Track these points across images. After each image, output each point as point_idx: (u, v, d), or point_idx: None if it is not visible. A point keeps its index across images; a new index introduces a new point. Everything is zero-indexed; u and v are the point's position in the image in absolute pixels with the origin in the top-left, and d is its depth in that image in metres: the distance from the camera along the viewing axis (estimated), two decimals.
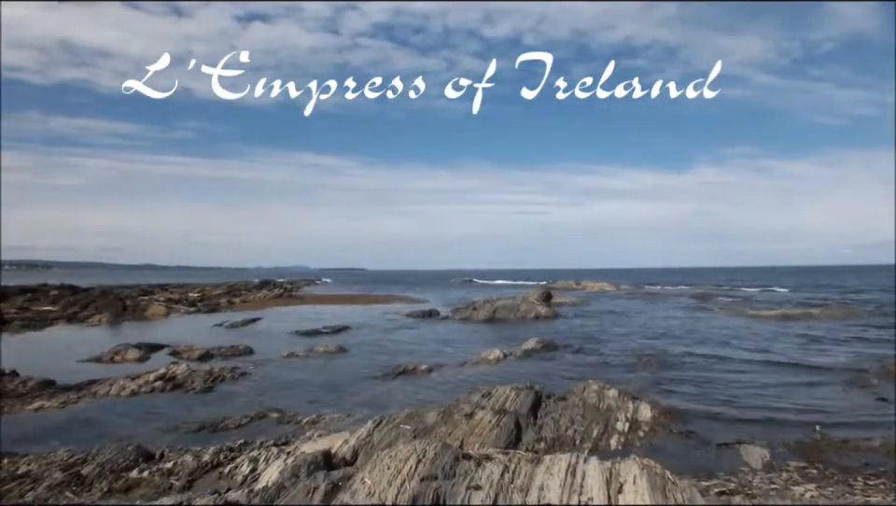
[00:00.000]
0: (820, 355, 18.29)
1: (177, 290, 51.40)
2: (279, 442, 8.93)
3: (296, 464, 6.55)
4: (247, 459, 7.70)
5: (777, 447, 8.99)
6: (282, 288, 64.76)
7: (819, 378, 14.59)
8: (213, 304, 40.95)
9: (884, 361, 16.23)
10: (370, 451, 7.56)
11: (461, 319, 31.66)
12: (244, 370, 15.52)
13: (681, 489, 4.68)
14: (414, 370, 15.60)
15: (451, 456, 5.30)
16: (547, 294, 37.46)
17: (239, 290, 55.97)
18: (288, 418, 10.86)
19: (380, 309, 38.68)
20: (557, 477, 4.86)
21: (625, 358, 17.93)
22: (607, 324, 29.13)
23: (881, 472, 7.82)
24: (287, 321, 30.11)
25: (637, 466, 4.93)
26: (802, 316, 30.91)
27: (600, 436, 9.44)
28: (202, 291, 51.20)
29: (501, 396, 10.22)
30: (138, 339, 20.32)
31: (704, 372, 15.63)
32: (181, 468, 7.44)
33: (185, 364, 15.19)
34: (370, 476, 5.00)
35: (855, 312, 32.95)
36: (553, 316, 32.30)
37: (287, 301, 48.61)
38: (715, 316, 33.69)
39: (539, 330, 24.76)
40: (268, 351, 18.94)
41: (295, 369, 16.20)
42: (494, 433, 8.82)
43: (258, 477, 7.02)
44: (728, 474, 7.79)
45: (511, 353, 18.16)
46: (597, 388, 11.19)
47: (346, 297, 54.69)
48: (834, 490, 7.03)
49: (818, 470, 8.02)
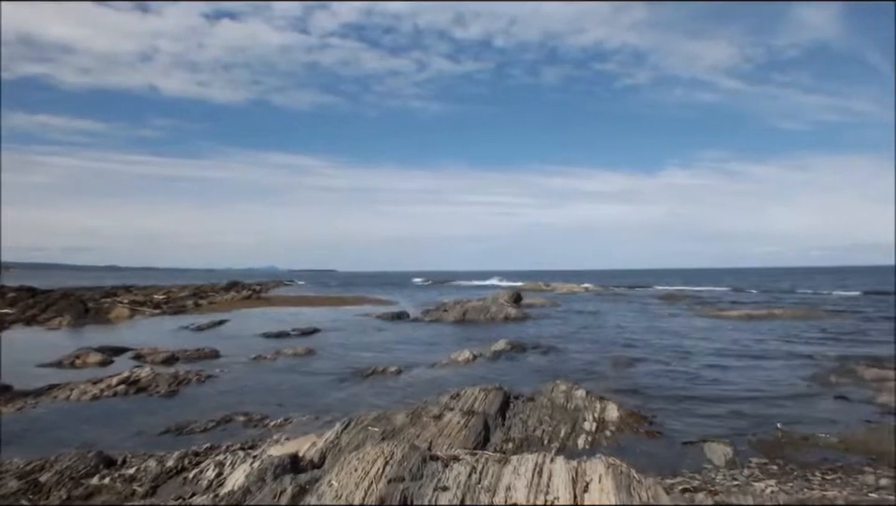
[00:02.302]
0: (783, 354, 18.70)
1: (142, 292, 50.44)
2: (246, 445, 8.82)
3: (262, 467, 6.46)
4: (213, 463, 7.56)
5: (739, 445, 9.18)
6: (250, 289, 63.96)
7: (781, 376, 14.93)
8: (179, 306, 40.22)
9: (843, 360, 16.68)
10: (337, 453, 7.51)
11: (431, 321, 31.64)
12: (210, 373, 15.28)
13: (646, 487, 4.74)
14: (384, 371, 15.53)
15: (418, 457, 5.29)
16: (517, 296, 37.71)
17: (206, 292, 55.06)
18: (255, 421, 10.72)
19: (350, 311, 38.47)
20: (524, 477, 4.88)
21: (593, 358, 18.11)
22: (575, 325, 29.39)
23: (838, 467, 8.06)
24: (256, 323, 29.74)
25: (603, 465, 4.98)
26: (766, 317, 31.56)
27: (568, 436, 9.51)
28: (167, 293, 50.30)
29: (470, 397, 10.24)
30: (101, 342, 19.89)
31: (669, 371, 15.85)
32: (144, 473, 7.28)
33: (149, 367, 14.89)
34: (337, 478, 4.97)
35: (817, 313, 33.77)
36: (523, 317, 32.49)
37: (255, 302, 48.04)
38: (682, 316, 34.22)
39: (509, 332, 24.89)
40: (235, 354, 18.67)
41: (263, 371, 16.02)
42: (462, 434, 8.82)
43: (223, 481, 6.90)
44: (692, 472, 7.92)
45: (480, 354, 18.19)
46: (565, 389, 11.27)
47: (316, 299, 54.23)
48: (794, 485, 7.20)
49: (778, 466, 8.22)
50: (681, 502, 6.22)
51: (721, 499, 6.55)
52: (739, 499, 6.55)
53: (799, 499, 6.64)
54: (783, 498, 6.68)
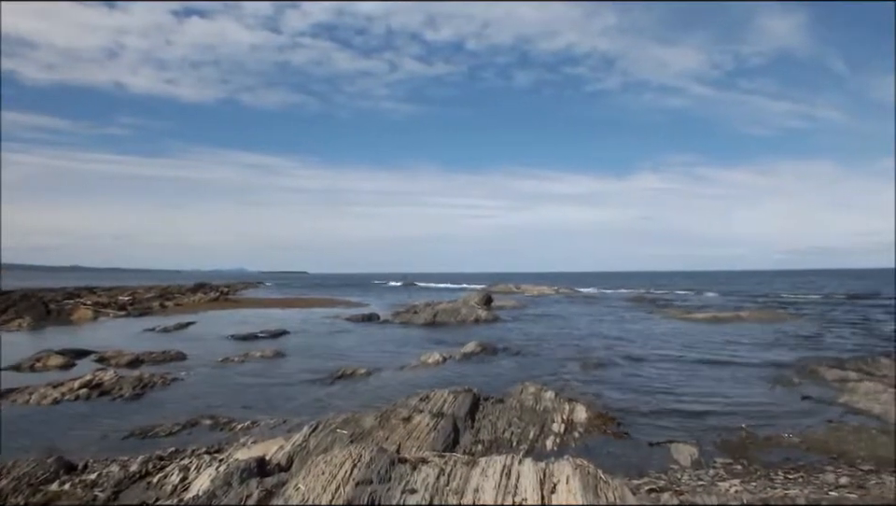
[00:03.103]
0: (748, 356, 19.05)
1: (106, 293, 49.46)
2: (212, 449, 8.67)
3: (228, 471, 6.37)
4: (178, 468, 7.43)
5: (705, 445, 9.35)
6: (218, 291, 63.14)
7: (746, 378, 15.23)
8: (144, 308, 39.48)
9: (806, 361, 17.07)
10: (305, 456, 7.44)
11: (401, 323, 31.57)
12: (175, 375, 15.03)
13: (613, 488, 4.79)
14: (353, 374, 15.45)
15: (386, 460, 5.27)
16: (487, 298, 37.76)
17: (172, 294, 54.24)
18: (222, 425, 10.56)
19: (320, 313, 38.19)
20: (492, 479, 4.89)
21: (562, 360, 18.24)
22: (545, 327, 29.60)
23: (800, 466, 8.27)
24: (223, 325, 29.35)
25: (571, 466, 5.02)
26: (732, 319, 32.14)
27: (536, 437, 9.56)
28: (133, 294, 49.42)
29: (439, 399, 10.24)
30: (62, 344, 19.40)
31: (637, 373, 16.05)
32: (106, 479, 7.12)
33: (113, 370, 14.60)
34: (304, 482, 4.93)
35: (781, 315, 34.51)
36: (494, 319, 32.60)
37: (223, 304, 47.41)
38: (650, 318, 34.68)
39: (479, 334, 24.93)
40: (202, 356, 18.39)
41: (230, 374, 15.80)
42: (431, 436, 8.81)
43: (188, 486, 6.78)
44: (659, 472, 8.03)
45: (450, 356, 18.21)
46: (534, 391, 11.34)
47: (285, 300, 53.74)
48: (757, 484, 7.34)
49: (742, 465, 8.38)
50: (648, 502, 6.30)
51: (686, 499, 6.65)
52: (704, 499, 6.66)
53: (762, 499, 6.76)
54: (747, 497, 6.81)
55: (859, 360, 16.57)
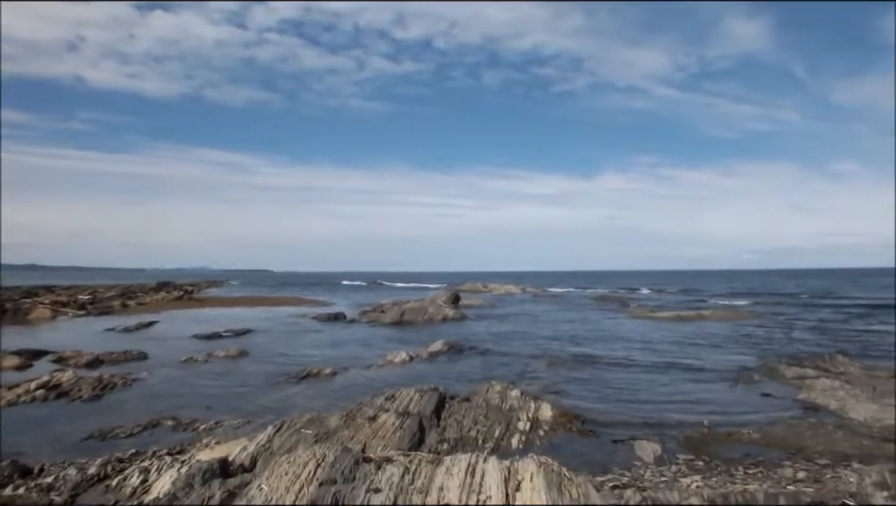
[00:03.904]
0: (710, 354, 19.45)
1: (65, 292, 48.26)
2: (173, 450, 8.54)
3: (190, 473, 6.27)
4: (138, 470, 7.29)
5: (668, 442, 9.53)
6: (182, 290, 62.00)
7: (708, 376, 15.54)
8: (105, 307, 38.60)
9: (766, 359, 17.49)
10: (269, 457, 7.37)
11: (368, 322, 31.44)
12: (137, 376, 14.75)
13: (577, 485, 4.85)
14: (318, 373, 15.34)
15: (351, 459, 5.25)
16: (455, 296, 37.86)
17: (135, 292, 53.15)
18: (184, 425, 10.40)
19: (286, 312, 37.80)
20: (457, 477, 4.91)
21: (528, 359, 18.38)
22: (512, 326, 29.80)
23: (759, 462, 8.50)
24: (187, 325, 28.87)
25: (535, 464, 5.06)
26: (695, 318, 32.75)
27: (502, 436, 9.62)
28: (93, 293, 48.31)
29: (405, 398, 10.24)
30: (18, 345, 18.89)
31: (602, 371, 16.26)
32: (63, 482, 6.96)
33: (71, 371, 14.26)
34: (267, 482, 4.89)
35: (743, 314, 35.29)
36: (461, 318, 32.68)
37: (187, 303, 46.61)
38: (615, 317, 35.14)
39: (447, 333, 24.98)
40: (164, 356, 18.08)
41: (193, 374, 15.56)
42: (397, 436, 8.81)
43: (148, 488, 6.66)
44: (622, 469, 8.16)
45: (417, 355, 18.21)
46: (500, 389, 11.40)
47: (251, 299, 53.08)
48: (718, 480, 7.50)
49: (704, 461, 8.56)
50: (611, 499, 6.38)
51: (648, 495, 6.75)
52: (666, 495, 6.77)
53: (722, 494, 6.90)
54: (707, 492, 6.93)
55: (816, 358, 17.07)
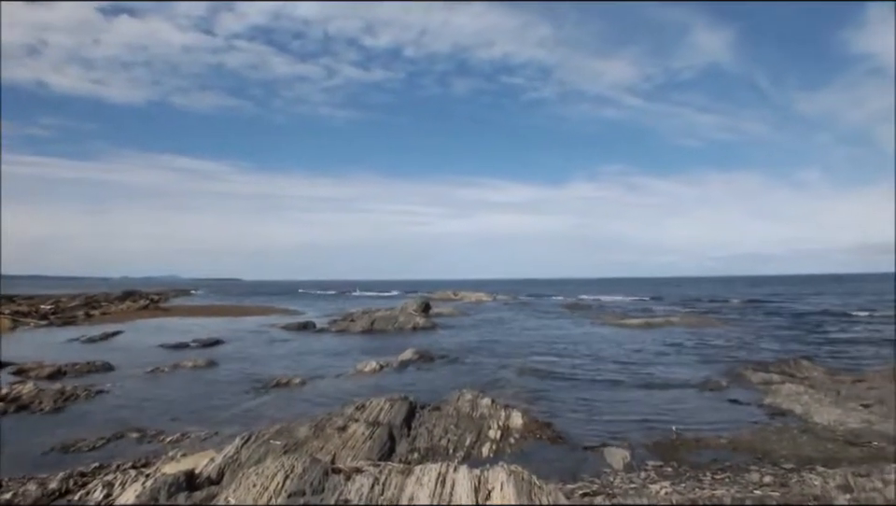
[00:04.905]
0: (678, 360, 19.76)
1: (27, 302, 47.04)
2: (138, 463, 8.40)
3: (155, 487, 6.16)
4: (101, 484, 7.12)
5: (637, 448, 9.65)
6: (148, 299, 60.86)
7: (676, 382, 15.75)
8: (68, 317, 37.76)
9: (733, 365, 17.81)
10: (237, 469, 7.27)
11: (338, 331, 31.27)
12: (101, 387, 14.47)
13: (547, 493, 4.89)
14: (288, 383, 15.21)
15: (320, 470, 5.22)
16: (426, 305, 37.87)
17: (99, 302, 52.05)
18: (150, 438, 10.24)
19: (254, 321, 37.38)
20: (427, 487, 4.91)
21: (499, 367, 18.45)
22: (483, 334, 29.85)
23: (727, 466, 8.67)
24: (153, 335, 28.36)
25: (505, 472, 5.09)
26: (663, 324, 33.21)
27: (473, 444, 9.64)
28: (55, 303, 47.17)
29: (375, 408, 10.20)
30: None
31: (572, 379, 16.39)
32: (23, 498, 6.79)
33: (32, 383, 13.95)
34: (234, 495, 4.84)
35: (710, 320, 35.85)
36: (432, 326, 32.67)
37: (153, 313, 45.79)
38: (585, 324, 35.43)
39: (417, 341, 24.98)
40: (129, 367, 17.75)
41: (159, 385, 15.31)
42: (367, 446, 8.78)
43: (112, 503, 6.52)
44: (592, 476, 8.24)
45: (387, 364, 18.15)
46: (471, 398, 11.43)
47: (219, 308, 52.35)
48: (686, 485, 7.62)
49: (672, 467, 8.68)
50: None
51: (618, 502, 6.84)
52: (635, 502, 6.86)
53: (690, 499, 7.01)
54: (676, 498, 7.05)
55: (781, 363, 17.44)
